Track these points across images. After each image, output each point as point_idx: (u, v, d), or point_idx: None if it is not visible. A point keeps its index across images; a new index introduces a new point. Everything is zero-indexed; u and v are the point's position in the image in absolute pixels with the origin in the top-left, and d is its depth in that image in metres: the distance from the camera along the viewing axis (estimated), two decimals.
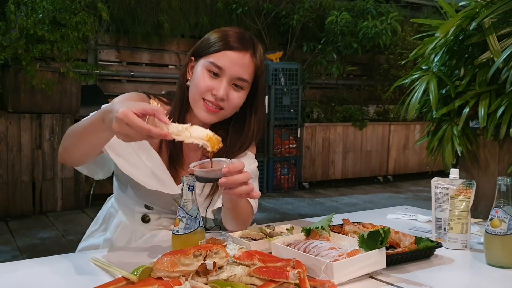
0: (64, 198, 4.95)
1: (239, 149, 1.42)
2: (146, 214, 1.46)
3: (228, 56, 1.29)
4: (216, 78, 1.30)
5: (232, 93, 1.31)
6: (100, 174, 1.48)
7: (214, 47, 1.30)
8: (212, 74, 1.29)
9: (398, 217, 1.70)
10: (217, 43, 1.30)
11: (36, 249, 3.78)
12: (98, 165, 1.43)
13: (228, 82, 1.30)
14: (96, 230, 1.55)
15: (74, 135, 1.18)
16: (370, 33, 6.18)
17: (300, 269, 0.91)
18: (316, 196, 6.07)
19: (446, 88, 1.89)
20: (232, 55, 1.29)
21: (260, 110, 1.41)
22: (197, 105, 1.32)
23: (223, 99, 1.29)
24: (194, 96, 1.32)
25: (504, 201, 1.17)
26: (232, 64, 1.29)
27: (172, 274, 0.91)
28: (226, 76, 1.29)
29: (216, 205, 1.44)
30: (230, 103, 1.32)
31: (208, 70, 1.30)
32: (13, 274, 1.08)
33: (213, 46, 1.30)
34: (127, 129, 0.98)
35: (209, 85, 1.29)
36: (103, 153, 1.33)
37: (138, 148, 1.34)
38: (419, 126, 7.41)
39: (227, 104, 1.31)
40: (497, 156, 1.76)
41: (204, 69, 1.30)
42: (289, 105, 6.30)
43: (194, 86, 1.32)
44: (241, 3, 6.31)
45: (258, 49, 1.35)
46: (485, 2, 1.78)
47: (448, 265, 1.20)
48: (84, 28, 4.63)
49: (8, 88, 4.65)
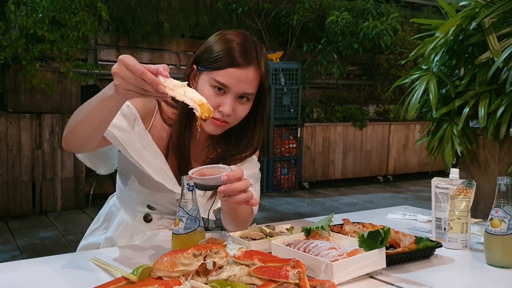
0: (64, 198, 4.95)
1: (242, 151, 1.42)
2: (148, 213, 1.47)
3: (233, 74, 1.26)
4: (222, 93, 1.27)
5: (237, 107, 1.29)
6: (102, 168, 1.48)
7: (218, 64, 1.26)
8: (217, 89, 1.27)
9: (398, 217, 1.70)
10: (220, 58, 1.26)
11: (36, 249, 3.78)
12: (101, 159, 1.43)
13: (234, 98, 1.28)
14: (97, 229, 1.56)
15: (80, 111, 1.18)
16: (371, 34, 6.18)
17: (300, 269, 0.91)
18: (316, 196, 6.07)
19: (446, 88, 1.89)
20: (237, 72, 1.26)
21: (265, 114, 1.41)
22: (204, 121, 1.31)
23: (229, 115, 1.28)
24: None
25: (504, 201, 1.17)
26: (238, 82, 1.26)
27: (172, 274, 0.91)
28: (231, 93, 1.27)
29: (217, 205, 1.43)
30: (236, 116, 1.30)
31: (213, 86, 1.27)
32: (13, 274, 1.08)
33: (216, 62, 1.27)
34: (125, 70, 1.00)
35: (216, 102, 1.26)
36: (106, 148, 1.33)
37: (146, 147, 1.34)
38: (419, 126, 7.41)
39: (232, 118, 1.30)
40: (497, 156, 1.76)
41: (208, 85, 1.28)
42: (289, 105, 6.30)
43: None
44: (241, 3, 6.31)
45: (262, 57, 1.32)
46: (485, 2, 1.78)
47: (448, 265, 1.20)
48: (84, 28, 4.63)
49: (8, 88, 4.66)
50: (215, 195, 1.42)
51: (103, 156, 1.41)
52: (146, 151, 1.34)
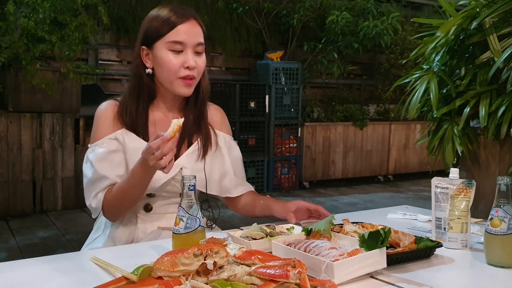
0: (64, 197, 4.95)
1: (197, 105, 1.54)
2: (148, 203, 1.49)
3: (182, 30, 1.41)
4: (180, 53, 1.42)
5: (197, 60, 1.44)
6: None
7: (165, 28, 1.41)
8: (175, 52, 1.41)
9: (398, 216, 1.70)
10: (165, 23, 1.41)
11: (36, 248, 3.78)
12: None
13: (192, 52, 1.42)
14: (99, 236, 1.55)
15: (122, 194, 1.40)
16: (371, 33, 6.18)
17: (301, 268, 0.91)
18: (316, 196, 6.07)
19: (447, 88, 1.89)
20: (185, 27, 1.42)
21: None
22: (175, 84, 1.44)
23: (194, 68, 1.42)
24: (169, 78, 1.43)
25: (504, 201, 1.17)
26: (189, 35, 1.42)
27: (173, 273, 0.91)
28: (189, 47, 1.42)
29: (232, 193, 1.58)
30: (199, 69, 1.45)
31: (171, 50, 1.41)
32: (13, 273, 1.08)
33: (163, 27, 1.41)
34: (157, 155, 1.23)
35: (179, 62, 1.41)
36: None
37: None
38: (419, 125, 7.40)
39: (196, 71, 1.44)
40: (498, 156, 1.76)
41: (166, 50, 1.41)
42: (290, 104, 6.30)
43: (165, 69, 1.43)
44: (242, 2, 6.31)
45: (196, 14, 1.48)
46: (486, 2, 1.78)
47: (448, 264, 1.20)
48: (84, 30, 4.63)
49: (9, 87, 4.66)
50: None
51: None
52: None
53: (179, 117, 1.41)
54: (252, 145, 6.06)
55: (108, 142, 1.45)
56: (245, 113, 5.95)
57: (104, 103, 1.52)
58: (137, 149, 1.42)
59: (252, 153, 6.04)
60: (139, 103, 1.48)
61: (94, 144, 1.47)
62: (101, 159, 1.44)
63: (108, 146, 1.45)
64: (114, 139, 1.46)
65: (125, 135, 1.47)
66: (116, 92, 5.82)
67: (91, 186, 1.44)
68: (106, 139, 1.46)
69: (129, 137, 1.47)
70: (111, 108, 1.50)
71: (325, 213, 1.44)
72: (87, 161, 1.48)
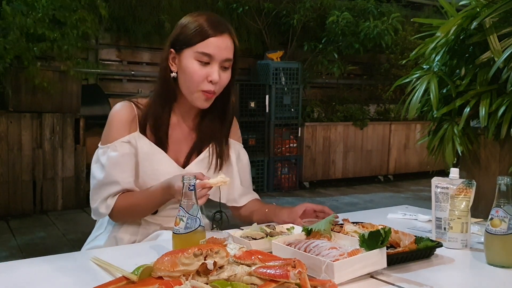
0: (64, 197, 4.95)
1: (222, 124, 1.55)
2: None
3: (213, 43, 1.39)
4: (207, 65, 1.40)
5: (222, 74, 1.42)
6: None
7: (197, 38, 1.39)
8: (202, 62, 1.39)
9: (398, 216, 1.70)
10: (198, 32, 1.39)
11: (36, 248, 3.78)
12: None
13: (218, 66, 1.41)
14: (101, 234, 1.55)
15: (133, 205, 1.44)
16: (372, 33, 6.17)
17: (301, 268, 0.91)
18: (316, 196, 6.07)
19: (447, 88, 1.89)
20: (217, 41, 1.39)
21: (234, 81, 1.52)
22: (195, 96, 1.42)
23: (217, 82, 1.40)
24: (190, 88, 1.42)
25: (504, 201, 1.17)
26: (219, 49, 1.39)
27: (173, 273, 0.91)
28: (216, 61, 1.40)
29: (238, 202, 1.59)
30: (221, 83, 1.43)
31: (198, 60, 1.39)
32: (13, 273, 1.08)
33: (196, 36, 1.39)
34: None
35: (203, 74, 1.39)
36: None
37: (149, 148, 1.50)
38: (419, 125, 7.40)
39: (218, 86, 1.42)
40: (498, 155, 1.76)
41: (193, 59, 1.40)
42: (290, 104, 6.30)
43: (189, 77, 1.41)
44: (242, 2, 6.31)
45: (231, 28, 1.46)
46: (486, 2, 1.78)
47: (448, 264, 1.20)
48: (84, 26, 4.62)
49: (9, 87, 4.66)
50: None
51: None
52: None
53: (193, 124, 1.48)
54: (252, 145, 6.06)
55: (121, 145, 1.44)
56: (245, 113, 5.96)
57: (119, 104, 1.50)
58: (148, 154, 1.44)
59: (252, 153, 6.03)
60: (165, 106, 1.47)
61: (106, 146, 1.45)
62: (114, 164, 1.42)
63: (121, 150, 1.44)
64: (127, 142, 1.45)
65: (138, 138, 1.46)
66: (117, 92, 5.82)
67: (100, 190, 1.43)
68: (119, 141, 1.44)
69: (141, 141, 1.46)
70: (126, 110, 1.47)
71: (331, 214, 1.44)
72: (97, 161, 1.46)
